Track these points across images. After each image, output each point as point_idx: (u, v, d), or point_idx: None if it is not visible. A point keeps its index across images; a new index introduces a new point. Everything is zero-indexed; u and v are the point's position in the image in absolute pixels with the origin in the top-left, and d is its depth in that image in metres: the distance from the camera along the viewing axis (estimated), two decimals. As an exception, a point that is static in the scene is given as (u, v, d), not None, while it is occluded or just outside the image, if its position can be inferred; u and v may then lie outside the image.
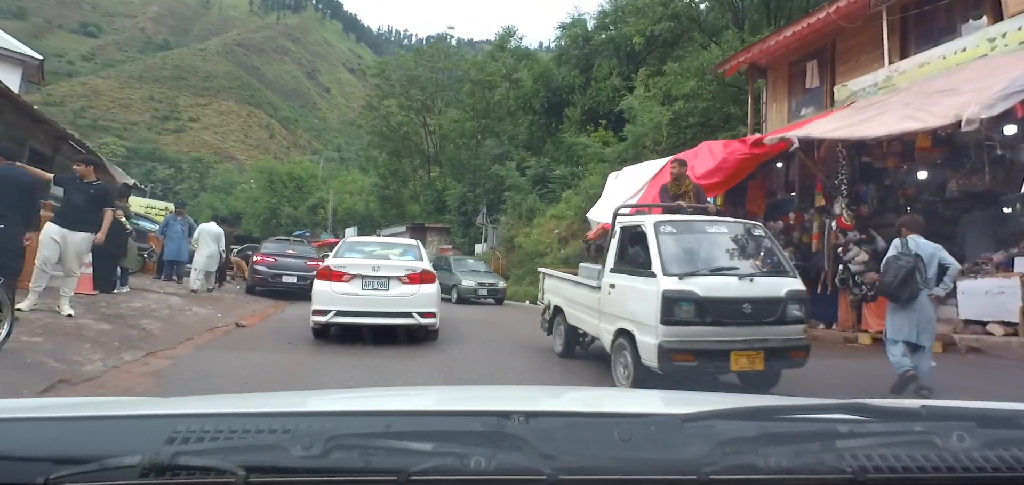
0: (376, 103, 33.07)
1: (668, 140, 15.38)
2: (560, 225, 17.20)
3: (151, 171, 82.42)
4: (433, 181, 33.21)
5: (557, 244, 16.36)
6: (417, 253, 7.69)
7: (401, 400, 1.51)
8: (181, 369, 4.72)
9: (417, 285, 6.81)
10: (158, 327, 6.25)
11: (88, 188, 5.88)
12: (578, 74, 27.14)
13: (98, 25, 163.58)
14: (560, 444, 0.77)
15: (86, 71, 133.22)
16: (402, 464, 0.72)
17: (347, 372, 5.23)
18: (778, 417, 0.93)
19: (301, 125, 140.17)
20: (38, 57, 14.30)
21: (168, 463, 0.69)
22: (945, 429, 0.83)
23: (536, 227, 17.95)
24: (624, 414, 1.00)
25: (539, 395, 1.79)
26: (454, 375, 5.37)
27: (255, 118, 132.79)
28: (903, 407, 1.04)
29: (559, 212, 17.95)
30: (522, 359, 6.49)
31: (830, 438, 0.84)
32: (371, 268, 6.85)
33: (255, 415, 0.96)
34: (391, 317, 6.68)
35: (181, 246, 11.01)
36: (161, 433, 0.77)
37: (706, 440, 0.79)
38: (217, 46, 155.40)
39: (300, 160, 70.33)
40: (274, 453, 0.73)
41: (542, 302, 7.15)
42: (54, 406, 1.14)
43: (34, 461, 0.71)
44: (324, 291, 6.72)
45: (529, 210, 19.86)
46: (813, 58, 11.11)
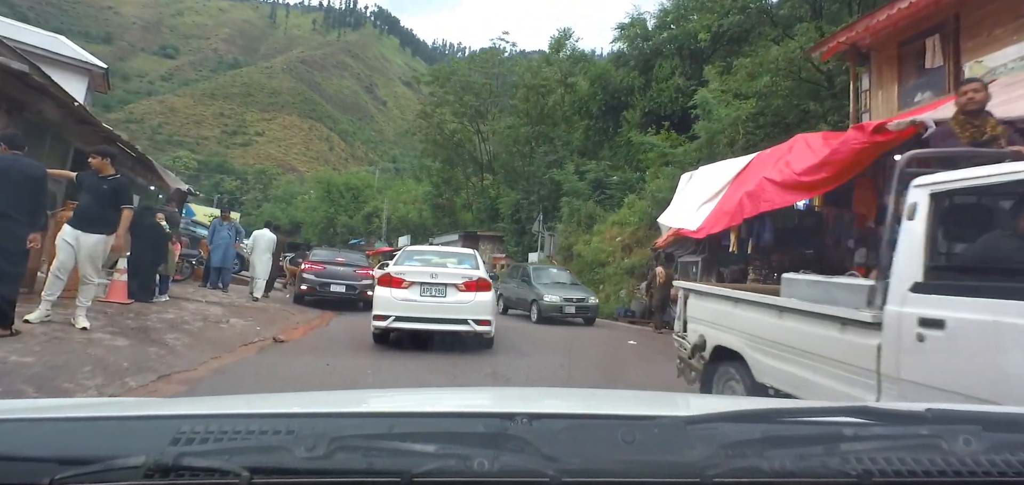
0: (430, 111, 32.75)
1: (743, 139, 13.85)
2: (623, 232, 15.93)
3: (219, 182, 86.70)
4: (486, 189, 32.54)
5: (620, 252, 15.09)
6: (474, 262, 7.85)
7: (404, 401, 1.51)
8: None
9: (473, 293, 6.96)
10: (184, 343, 5.55)
11: (102, 184, 5.22)
12: (637, 75, 25.93)
13: (176, 47, 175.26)
14: (563, 446, 0.77)
15: (164, 90, 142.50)
16: (405, 466, 0.72)
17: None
18: (782, 420, 0.92)
19: (359, 138, 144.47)
20: (102, 66, 14.46)
21: (172, 464, 0.69)
22: (951, 433, 0.82)
23: (596, 234, 16.72)
24: (628, 416, 1.01)
25: (542, 397, 1.76)
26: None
27: (316, 131, 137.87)
28: (908, 410, 1.00)
29: (621, 218, 16.67)
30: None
31: (835, 441, 0.83)
32: (429, 275, 7.02)
33: (259, 416, 0.95)
34: (447, 323, 6.86)
35: (227, 252, 10.60)
36: (165, 434, 0.77)
37: (710, 443, 0.78)
38: (282, 64, 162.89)
39: (356, 171, 71.89)
40: (278, 454, 0.73)
41: (684, 336, 4.60)
42: (59, 407, 1.12)
43: (39, 461, 0.72)
44: (384, 297, 6.92)
45: (588, 217, 18.61)
46: (931, 34, 9.44)
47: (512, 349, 7.49)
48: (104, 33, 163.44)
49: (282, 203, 68.99)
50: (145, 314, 6.70)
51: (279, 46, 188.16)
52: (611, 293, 14.33)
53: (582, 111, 28.07)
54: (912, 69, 9.93)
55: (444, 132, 32.86)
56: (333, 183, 56.17)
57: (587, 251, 15.95)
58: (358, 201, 51.71)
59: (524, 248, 26.19)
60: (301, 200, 63.83)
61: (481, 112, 31.73)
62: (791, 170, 8.18)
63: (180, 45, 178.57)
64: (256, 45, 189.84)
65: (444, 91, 32.16)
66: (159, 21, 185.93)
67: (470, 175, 34.25)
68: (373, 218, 46.14)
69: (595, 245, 15.72)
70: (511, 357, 6.88)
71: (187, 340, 5.74)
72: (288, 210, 65.19)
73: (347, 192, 53.62)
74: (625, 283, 13.62)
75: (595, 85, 26.66)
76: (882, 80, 10.43)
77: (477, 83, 31.42)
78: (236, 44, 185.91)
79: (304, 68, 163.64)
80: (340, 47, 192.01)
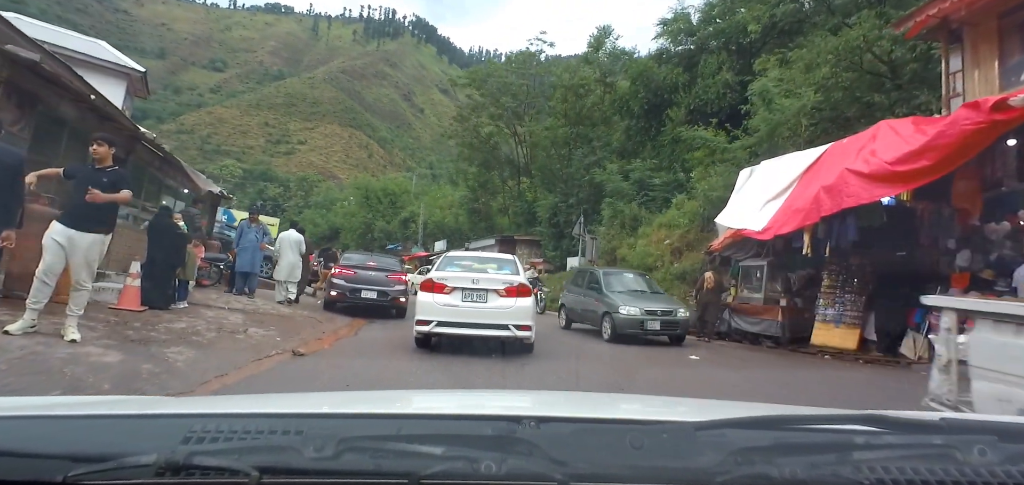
0: (467, 115, 32.25)
1: (807, 131, 12.57)
2: (671, 235, 14.81)
3: (263, 190, 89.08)
4: (522, 192, 31.79)
5: (669, 256, 13.98)
6: (514, 267, 7.88)
7: (412, 403, 1.50)
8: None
9: (514, 298, 7.01)
10: (187, 358, 4.92)
11: (100, 177, 4.55)
12: (681, 72, 24.74)
13: (224, 60, 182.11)
14: (571, 450, 0.77)
15: (213, 102, 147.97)
16: (413, 467, 0.72)
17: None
18: (793, 427, 0.92)
19: (397, 145, 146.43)
20: (141, 70, 14.38)
21: (183, 462, 0.69)
22: (966, 443, 0.80)
23: (642, 237, 15.60)
24: (636, 421, 1.00)
25: (551, 400, 1.72)
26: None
27: (355, 139, 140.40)
28: (922, 419, 0.98)
29: (669, 220, 15.53)
30: None
31: (846, 449, 0.81)
32: (471, 281, 7.10)
33: (268, 416, 0.95)
34: (489, 329, 6.90)
35: (255, 257, 10.12)
36: (177, 432, 0.78)
37: (719, 449, 0.78)
38: (324, 74, 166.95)
39: (394, 176, 72.50)
40: (286, 454, 0.74)
41: (954, 395, 2.92)
42: (72, 405, 1.16)
43: (53, 459, 0.72)
44: (427, 302, 7.00)
45: (632, 219, 17.49)
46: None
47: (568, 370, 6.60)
48: (158, 49, 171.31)
49: (322, 209, 70.10)
50: (155, 323, 6.16)
51: (321, 57, 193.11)
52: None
53: (623, 110, 27.04)
54: (1017, 44, 8.59)
55: (480, 135, 32.31)
56: (371, 188, 56.67)
57: (632, 256, 14.86)
58: (395, 206, 51.91)
59: (562, 253, 25.30)
60: (340, 206, 64.63)
61: (518, 114, 31.01)
62: (880, 160, 7.05)
63: (228, 58, 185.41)
64: (300, 57, 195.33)
65: (480, 94, 31.61)
66: (209, 36, 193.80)
67: (506, 178, 33.57)
68: (410, 223, 46.09)
69: (641, 249, 14.63)
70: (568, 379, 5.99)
71: (192, 354, 5.12)
72: (327, 216, 66.22)
73: (385, 197, 53.94)
74: (675, 289, 12.47)
75: (637, 83, 25.60)
76: (979, 58, 9.08)
77: (514, 84, 30.75)
78: (281, 56, 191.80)
79: (345, 78, 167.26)
80: (379, 57, 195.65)
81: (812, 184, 8.18)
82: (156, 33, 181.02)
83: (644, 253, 14.46)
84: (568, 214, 25.04)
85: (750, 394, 5.64)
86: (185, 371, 4.56)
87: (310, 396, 1.69)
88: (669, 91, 24.47)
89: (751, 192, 9.65)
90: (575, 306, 11.47)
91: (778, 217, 8.52)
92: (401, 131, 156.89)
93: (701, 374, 6.98)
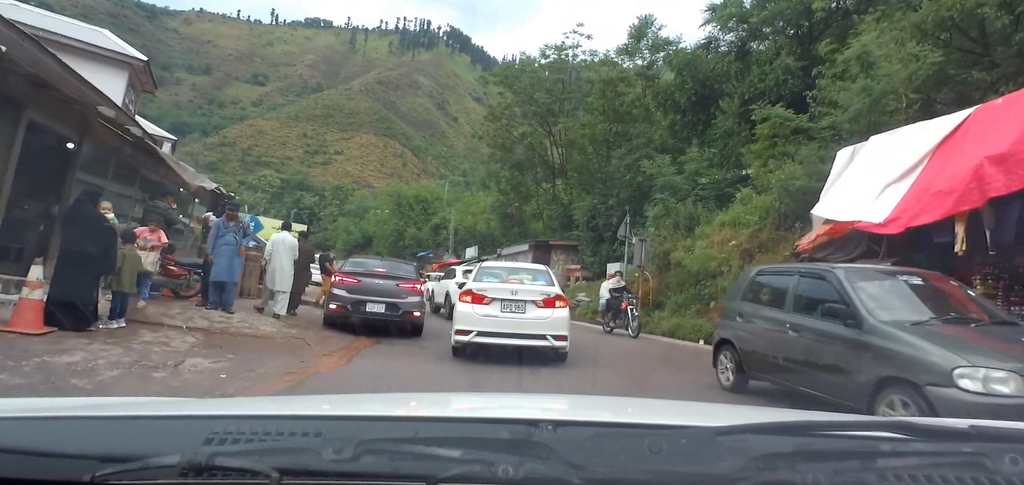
0: (499, 113, 30.40)
1: (908, 108, 10.09)
2: (738, 235, 12.47)
3: (299, 199, 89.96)
4: (558, 194, 29.70)
5: (738, 260, 11.65)
6: (548, 278, 7.96)
7: (430, 406, 1.50)
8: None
9: (551, 309, 7.18)
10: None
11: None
12: (733, 60, 22.41)
13: (266, 75, 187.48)
14: (588, 454, 0.76)
15: (255, 115, 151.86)
16: (430, 470, 0.72)
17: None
18: (816, 433, 0.89)
19: (430, 153, 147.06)
20: (143, 59, 13.10)
21: (206, 463, 0.71)
22: (997, 451, 0.77)
23: (700, 238, 13.29)
24: (655, 425, 0.99)
25: (568, 404, 1.72)
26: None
27: (390, 148, 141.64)
28: (950, 427, 0.94)
29: (734, 217, 13.17)
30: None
31: (872, 457, 0.80)
32: (510, 292, 7.20)
33: (288, 418, 0.97)
34: (527, 338, 7.04)
35: (232, 263, 8.40)
36: (199, 433, 0.80)
37: (740, 455, 0.75)
38: (360, 85, 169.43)
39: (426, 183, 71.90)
40: (306, 456, 0.75)
41: None
42: (99, 406, 1.18)
43: (82, 459, 0.74)
44: (467, 312, 7.15)
45: (688, 218, 15.14)
46: None
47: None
48: (205, 65, 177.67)
49: (355, 217, 69.85)
50: (48, 352, 4.41)
51: (358, 69, 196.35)
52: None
53: (667, 104, 24.75)
54: None
55: (512, 135, 30.46)
56: (403, 196, 55.91)
57: (691, 260, 12.60)
58: (427, 213, 50.78)
59: (602, 258, 23.14)
60: (373, 214, 64.07)
61: (552, 112, 28.98)
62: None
63: (269, 73, 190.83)
64: (338, 69, 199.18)
65: (513, 92, 29.76)
66: (252, 51, 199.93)
67: (540, 180, 31.54)
68: (441, 229, 44.68)
69: (701, 252, 12.32)
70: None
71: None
72: (361, 224, 65.90)
73: (417, 204, 52.96)
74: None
75: (683, 73, 23.33)
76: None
77: (548, 80, 28.78)
78: (319, 69, 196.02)
79: (380, 88, 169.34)
80: (414, 67, 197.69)
81: (962, 157, 5.88)
82: (202, 50, 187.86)
83: (705, 257, 12.14)
84: (607, 216, 22.87)
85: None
86: None
87: (329, 398, 1.90)
88: (719, 80, 22.22)
89: (859, 176, 7.36)
90: (767, 345, 5.76)
91: (909, 203, 6.24)
92: (435, 140, 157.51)
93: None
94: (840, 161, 7.97)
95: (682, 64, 23.78)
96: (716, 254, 11.98)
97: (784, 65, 19.40)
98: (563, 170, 29.79)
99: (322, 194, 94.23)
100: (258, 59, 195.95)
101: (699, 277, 12.41)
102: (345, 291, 9.17)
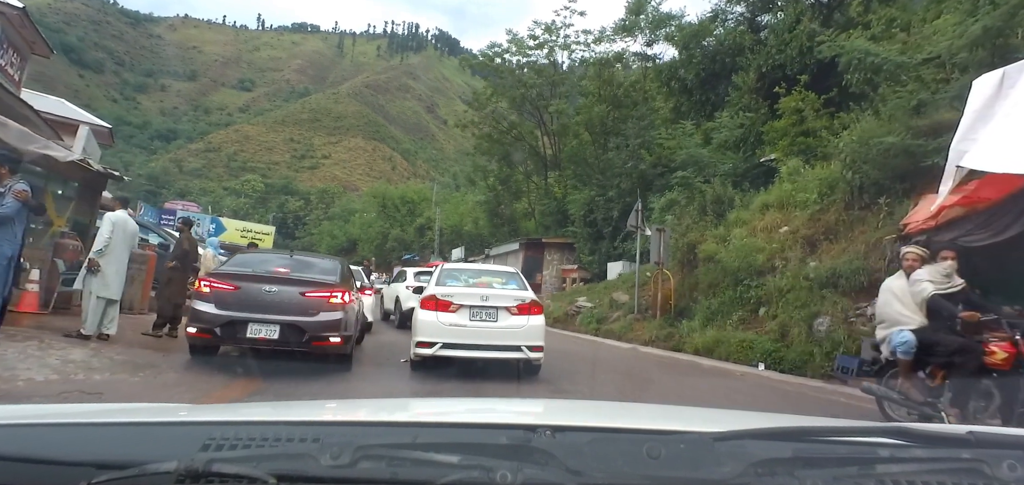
0: (483, 101, 27.81)
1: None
2: (791, 218, 9.77)
3: (284, 203, 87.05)
4: (550, 188, 27.15)
5: (799, 251, 8.85)
6: (520, 282, 7.21)
7: (428, 411, 1.53)
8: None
9: (527, 316, 6.50)
10: None
11: None
12: (745, 31, 20.16)
13: (252, 80, 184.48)
14: (587, 459, 0.76)
15: (241, 121, 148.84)
16: (428, 476, 0.72)
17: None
18: (815, 439, 0.89)
19: (420, 157, 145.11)
20: (17, 5, 10.40)
21: (203, 469, 0.70)
22: (995, 457, 0.76)
23: (737, 226, 10.52)
24: (653, 430, 0.99)
25: (566, 409, 1.74)
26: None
27: (379, 152, 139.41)
28: (949, 433, 0.93)
29: (783, 196, 10.45)
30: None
31: (870, 463, 0.80)
32: (480, 298, 6.55)
33: (286, 424, 0.96)
34: (499, 350, 6.38)
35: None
36: (196, 440, 0.79)
37: (738, 460, 0.76)
38: (348, 89, 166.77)
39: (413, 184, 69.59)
40: (304, 462, 0.74)
41: None
42: (95, 412, 1.18)
43: (78, 465, 0.74)
44: (430, 321, 6.36)
45: (716, 201, 12.45)
46: None
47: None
48: (189, 71, 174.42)
49: (340, 221, 67.21)
50: None
51: (346, 73, 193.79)
52: (798, 324, 7.95)
53: (670, 84, 22.45)
54: None
55: (500, 125, 27.88)
56: (388, 197, 53.30)
57: (726, 254, 9.86)
58: (413, 215, 48.23)
59: (601, 257, 20.65)
60: (358, 217, 61.37)
61: (543, 96, 26.43)
62: None
63: (256, 78, 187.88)
64: (325, 74, 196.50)
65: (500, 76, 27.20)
66: (238, 57, 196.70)
67: (531, 173, 28.96)
68: (426, 230, 42.07)
69: (740, 242, 9.63)
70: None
71: None
72: (345, 228, 63.26)
73: (403, 206, 50.36)
74: (824, 305, 7.49)
75: (690, 47, 21.01)
76: None
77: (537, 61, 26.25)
78: (307, 74, 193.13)
79: (368, 92, 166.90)
80: (403, 70, 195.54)
81: None
82: (188, 56, 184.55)
83: (747, 248, 9.45)
84: (607, 210, 20.39)
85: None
86: None
87: (327, 404, 1.89)
88: (731, 54, 19.92)
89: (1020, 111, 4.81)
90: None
91: None
92: (424, 143, 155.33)
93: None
94: (982, 92, 5.37)
95: (688, 37, 21.51)
96: (762, 244, 9.27)
97: (809, 30, 17.07)
98: (556, 161, 27.26)
99: (307, 198, 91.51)
100: (244, 64, 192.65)
101: (740, 275, 9.60)
102: (213, 305, 6.05)
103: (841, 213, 8.57)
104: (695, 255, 10.77)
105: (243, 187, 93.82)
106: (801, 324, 7.56)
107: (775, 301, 8.23)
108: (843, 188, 8.47)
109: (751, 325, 8.72)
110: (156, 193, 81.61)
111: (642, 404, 3.37)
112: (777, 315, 8.05)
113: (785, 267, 8.53)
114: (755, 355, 8.14)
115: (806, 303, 7.62)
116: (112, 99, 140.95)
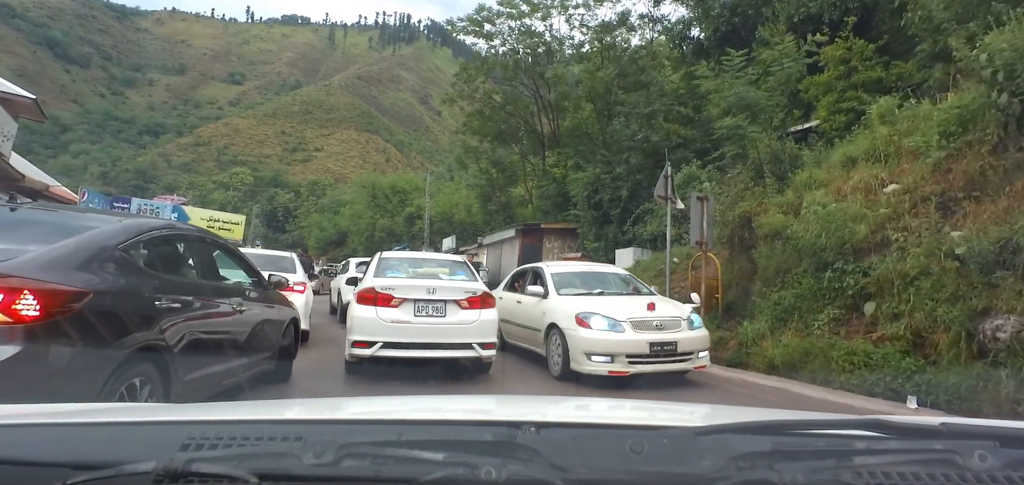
0: (473, 73, 25.09)
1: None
2: (900, 173, 6.70)
3: (273, 196, 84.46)
4: (549, 169, 24.55)
5: (924, 214, 5.79)
6: (468, 272, 6.73)
7: (412, 409, 1.50)
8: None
9: (478, 310, 5.93)
10: None
11: None
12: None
13: (242, 73, 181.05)
14: (571, 455, 0.77)
15: (232, 114, 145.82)
16: (413, 473, 0.72)
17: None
18: (794, 432, 0.91)
19: (414, 148, 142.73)
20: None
21: (182, 469, 0.70)
22: (966, 447, 0.79)
23: (811, 189, 7.44)
24: (636, 426, 0.99)
25: (550, 406, 1.68)
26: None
27: (372, 144, 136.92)
28: (923, 424, 0.95)
29: (876, 144, 7.38)
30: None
31: (847, 455, 0.81)
32: (426, 290, 5.85)
33: (268, 422, 0.96)
34: (448, 349, 5.78)
35: None
36: (175, 439, 0.78)
37: (720, 454, 0.77)
38: (340, 81, 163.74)
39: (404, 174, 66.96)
40: (286, 461, 0.74)
41: None
42: (71, 412, 1.14)
43: (53, 466, 0.73)
44: (368, 318, 5.64)
45: (774, 159, 9.34)
46: None
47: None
48: (178, 65, 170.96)
49: (329, 213, 64.67)
50: None
51: (338, 65, 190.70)
52: (946, 326, 5.10)
53: (683, 45, 19.90)
54: None
55: (492, 101, 25.20)
56: (378, 186, 50.62)
57: (804, 228, 6.85)
58: (404, 204, 45.64)
59: (608, 242, 18.09)
60: (348, 209, 58.81)
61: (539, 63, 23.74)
62: None
63: (247, 71, 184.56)
64: (317, 66, 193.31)
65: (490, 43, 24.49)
66: (228, 50, 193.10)
67: (527, 153, 26.31)
68: (416, 220, 39.48)
69: (828, 211, 6.42)
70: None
71: None
72: (335, 219, 60.80)
73: (394, 195, 47.74)
74: (994, 297, 4.65)
75: (707, 1, 18.40)
76: None
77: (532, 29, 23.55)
78: (298, 66, 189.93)
79: (361, 84, 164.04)
80: (395, 62, 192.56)
81: None
82: (176, 50, 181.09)
83: (837, 217, 6.42)
84: (615, 189, 17.82)
85: None
86: None
87: (309, 402, 1.86)
88: (756, 4, 17.36)
89: None
90: None
91: None
92: (419, 134, 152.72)
93: None
94: None
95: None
96: (863, 211, 6.32)
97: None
98: (555, 139, 24.61)
99: (297, 191, 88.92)
100: (234, 58, 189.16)
101: (827, 257, 6.61)
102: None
103: (988, 157, 5.83)
104: (751, 231, 7.83)
105: (231, 180, 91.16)
106: (954, 326, 4.85)
107: (894, 292, 5.46)
108: (993, 119, 5.71)
109: (852, 327, 5.94)
110: (144, 188, 79.23)
111: (625, 400, 3.59)
112: (901, 312, 5.29)
113: (906, 241, 5.75)
114: (881, 377, 5.18)
115: (957, 294, 4.92)
116: (100, 94, 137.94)
